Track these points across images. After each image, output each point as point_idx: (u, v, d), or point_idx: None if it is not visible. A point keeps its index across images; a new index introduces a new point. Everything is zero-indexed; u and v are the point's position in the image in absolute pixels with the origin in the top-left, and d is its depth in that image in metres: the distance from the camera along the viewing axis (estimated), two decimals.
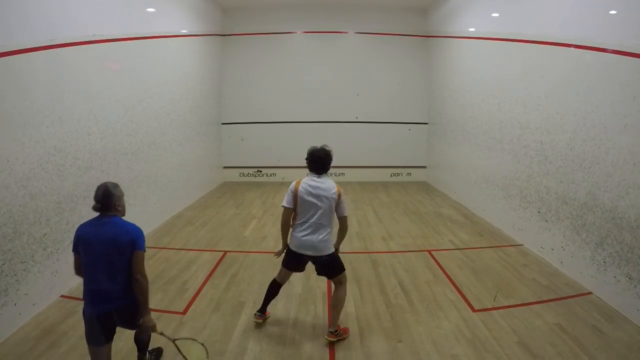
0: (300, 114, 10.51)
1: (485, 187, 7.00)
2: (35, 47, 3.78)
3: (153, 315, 3.36)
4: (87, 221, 2.59)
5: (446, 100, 9.13)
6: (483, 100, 7.04)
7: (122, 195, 2.64)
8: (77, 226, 2.65)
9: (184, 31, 7.79)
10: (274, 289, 3.58)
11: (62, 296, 4.07)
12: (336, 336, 3.32)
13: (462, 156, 8.15)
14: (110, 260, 2.48)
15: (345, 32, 10.44)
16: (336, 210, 3.33)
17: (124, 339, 3.32)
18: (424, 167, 10.70)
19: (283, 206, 3.35)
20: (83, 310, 2.56)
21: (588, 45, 4.37)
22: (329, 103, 10.52)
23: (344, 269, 3.42)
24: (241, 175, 10.72)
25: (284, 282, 3.60)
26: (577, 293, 4.21)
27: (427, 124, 10.57)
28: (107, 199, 2.56)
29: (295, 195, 3.28)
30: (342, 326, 3.45)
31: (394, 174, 10.79)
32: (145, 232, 6.38)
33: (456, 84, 8.48)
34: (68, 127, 4.29)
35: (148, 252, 5.22)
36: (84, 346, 3.10)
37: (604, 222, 4.12)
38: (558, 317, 3.71)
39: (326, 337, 3.33)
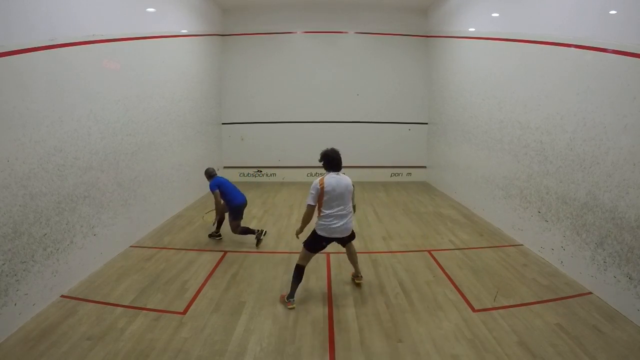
0: (301, 114, 10.50)
1: (485, 187, 7.00)
2: (35, 47, 3.79)
3: (153, 315, 3.50)
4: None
5: (446, 100, 9.12)
6: (483, 100, 7.04)
7: None
8: (76, 226, 4.34)
9: (184, 31, 7.79)
10: None
11: (62, 296, 4.07)
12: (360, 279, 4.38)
13: (462, 156, 8.15)
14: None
15: (346, 32, 10.43)
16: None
17: (124, 339, 3.33)
18: (424, 167, 10.70)
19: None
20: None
21: (588, 45, 4.37)
22: (329, 103, 10.51)
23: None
24: (241, 175, 10.71)
25: None
26: (577, 293, 4.21)
27: (427, 124, 10.57)
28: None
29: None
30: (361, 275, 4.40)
31: (394, 174, 10.79)
32: (145, 232, 6.45)
33: (456, 83, 8.48)
34: (68, 127, 4.30)
35: (148, 252, 5.31)
36: (84, 346, 3.26)
37: (604, 222, 4.12)
38: (558, 317, 3.71)
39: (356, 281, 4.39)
